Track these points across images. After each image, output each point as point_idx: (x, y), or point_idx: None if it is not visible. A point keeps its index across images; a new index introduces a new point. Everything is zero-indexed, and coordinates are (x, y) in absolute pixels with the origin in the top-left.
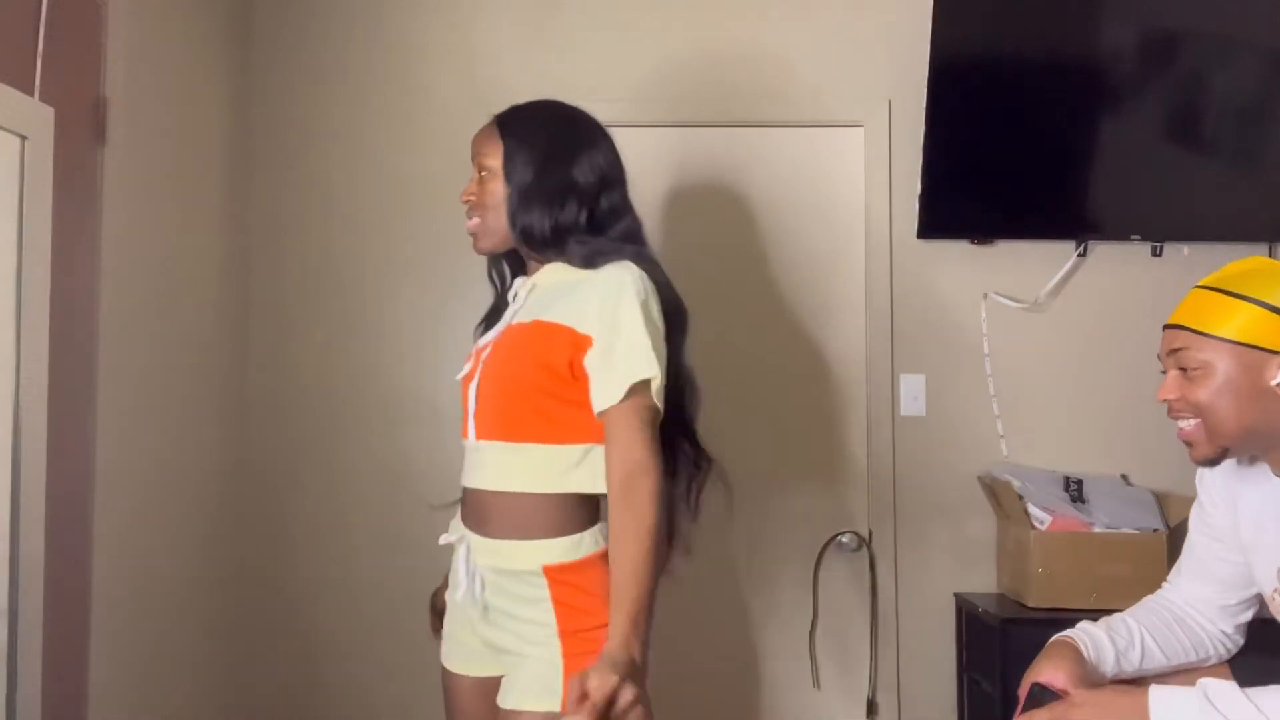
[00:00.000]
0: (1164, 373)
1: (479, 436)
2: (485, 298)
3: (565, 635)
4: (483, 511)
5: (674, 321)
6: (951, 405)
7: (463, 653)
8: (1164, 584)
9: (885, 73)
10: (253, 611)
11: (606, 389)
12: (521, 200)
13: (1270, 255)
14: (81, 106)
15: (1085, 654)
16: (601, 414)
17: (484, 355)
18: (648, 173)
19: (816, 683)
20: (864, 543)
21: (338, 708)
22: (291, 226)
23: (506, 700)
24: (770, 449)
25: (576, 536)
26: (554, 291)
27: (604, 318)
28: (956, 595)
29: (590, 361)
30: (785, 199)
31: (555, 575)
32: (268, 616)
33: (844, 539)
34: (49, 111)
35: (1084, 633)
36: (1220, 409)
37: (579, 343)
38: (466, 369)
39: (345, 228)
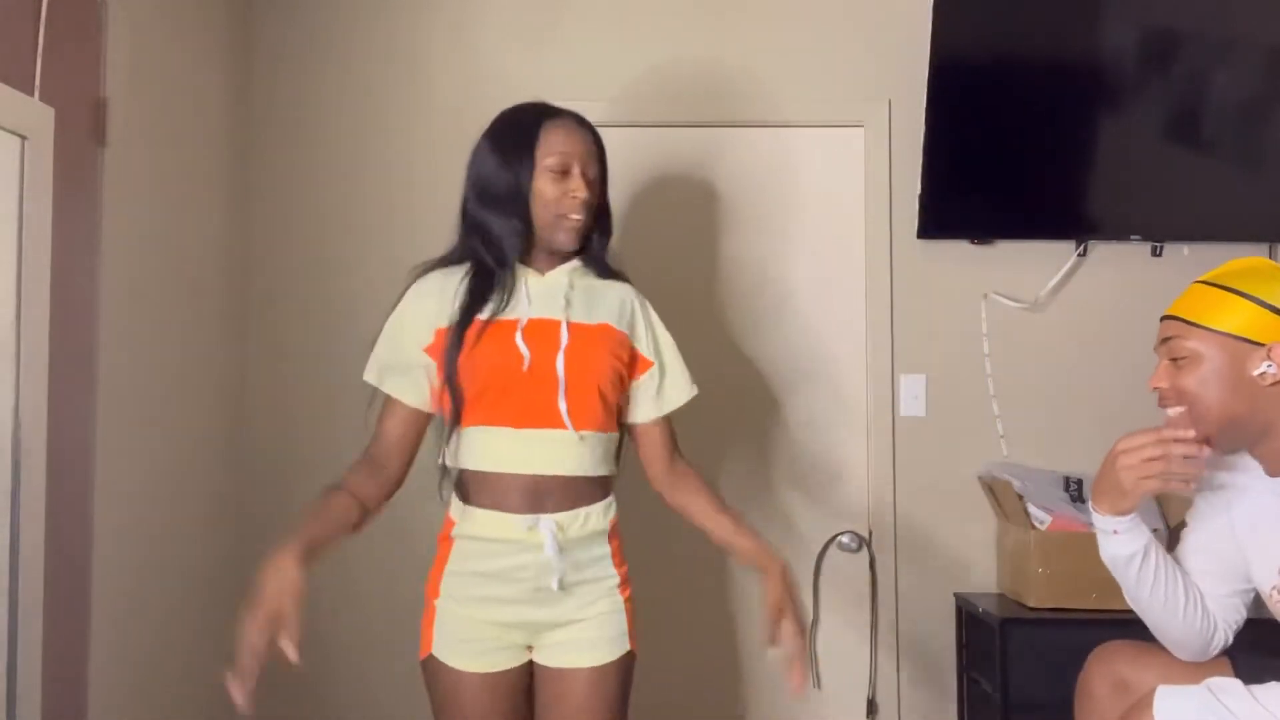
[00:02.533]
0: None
1: (578, 428)
2: None
3: (621, 585)
4: (542, 494)
5: None
6: (951, 405)
7: (480, 650)
8: None
9: (885, 73)
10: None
11: (661, 405)
12: (604, 214)
13: (1270, 255)
14: (81, 106)
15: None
16: (654, 421)
17: (561, 346)
18: (647, 172)
19: (816, 683)
20: (864, 543)
21: (337, 705)
22: (292, 226)
23: (586, 659)
24: (770, 449)
25: (612, 496)
26: (590, 295)
27: (652, 341)
28: (956, 595)
29: (647, 381)
30: (785, 199)
31: (612, 531)
32: None
33: (844, 539)
34: (49, 111)
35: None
36: (1205, 396)
37: (636, 361)
38: (527, 358)
39: (345, 227)
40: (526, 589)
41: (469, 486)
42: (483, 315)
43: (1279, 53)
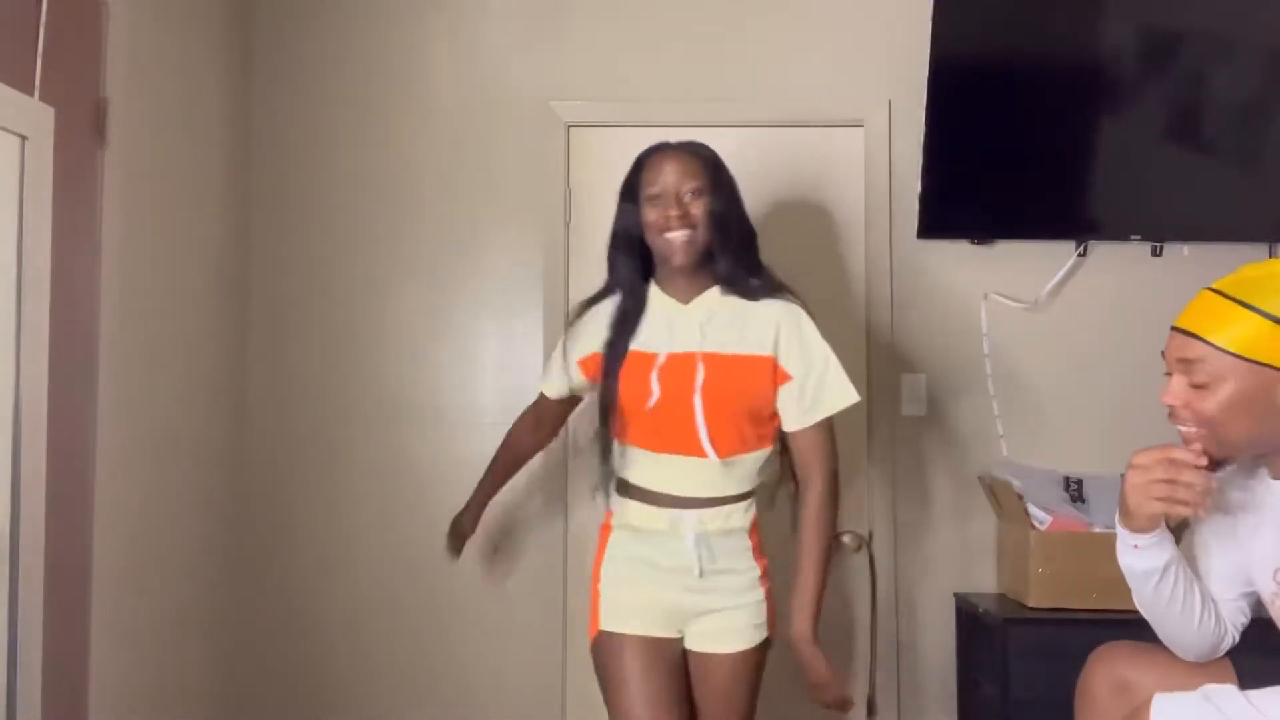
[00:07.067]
0: (1168, 374)
1: (723, 455)
2: (483, 297)
3: (762, 578)
4: (685, 499)
5: None
6: (951, 405)
7: (638, 617)
8: None
9: (885, 73)
10: (253, 607)
11: (811, 413)
12: (723, 226)
13: (1270, 255)
14: (81, 106)
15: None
16: (801, 430)
17: (692, 383)
18: None
19: None
20: (864, 543)
21: (337, 700)
22: (291, 225)
23: (729, 644)
24: None
25: (752, 499)
26: (731, 320)
27: (798, 354)
28: (956, 595)
29: (789, 392)
30: (785, 199)
31: (752, 527)
32: (268, 611)
33: (844, 539)
34: (49, 111)
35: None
36: (1227, 424)
37: (779, 375)
38: (655, 397)
39: (346, 227)
40: (672, 576)
41: (626, 484)
42: (626, 348)
43: (1279, 53)
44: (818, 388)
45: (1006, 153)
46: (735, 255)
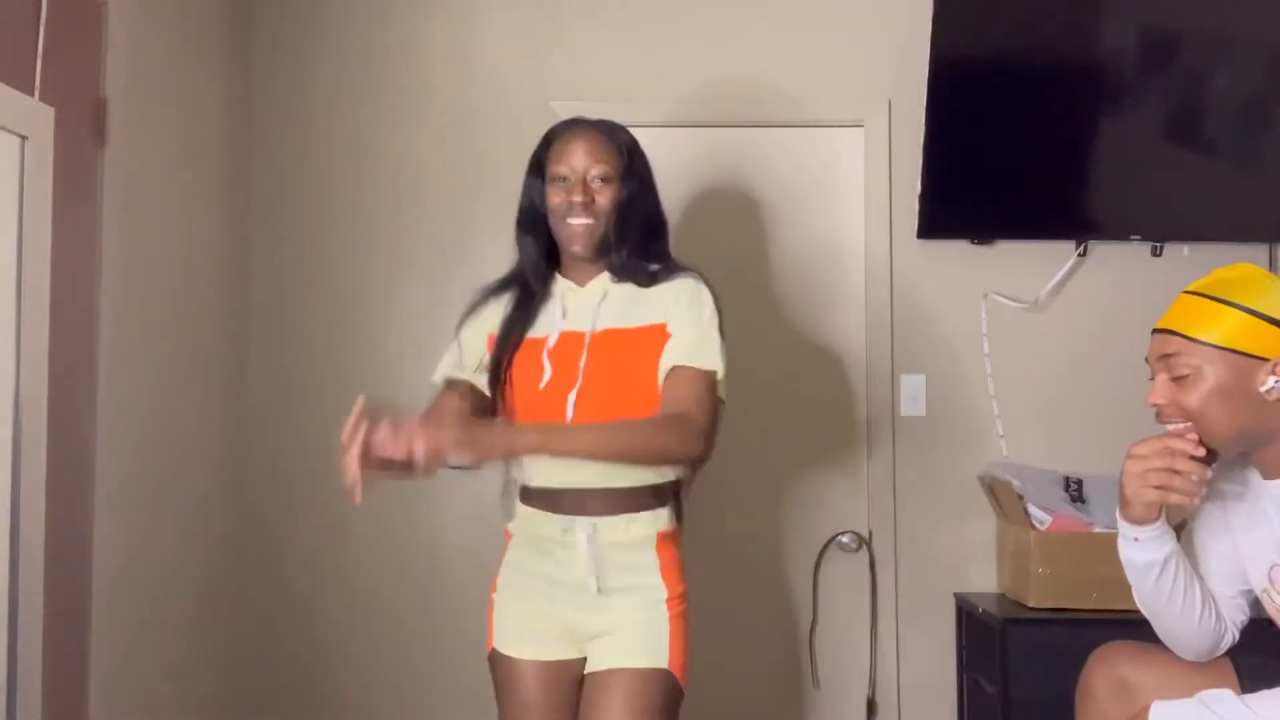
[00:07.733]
0: (1152, 377)
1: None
2: None
3: (670, 601)
4: (584, 501)
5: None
6: (951, 405)
7: (535, 639)
8: None
9: (885, 73)
10: (253, 607)
11: (678, 354)
12: (626, 217)
13: (1270, 255)
14: (81, 106)
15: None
16: (672, 370)
17: (577, 362)
18: None
19: (816, 683)
20: (864, 543)
21: (337, 700)
22: (291, 225)
23: (614, 660)
24: (770, 449)
25: (670, 506)
26: (627, 298)
27: (683, 315)
28: (956, 595)
29: (668, 349)
30: (785, 199)
31: (662, 540)
32: (268, 611)
33: (844, 539)
34: (49, 111)
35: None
36: (1210, 414)
37: (664, 339)
38: (547, 377)
39: (345, 226)
40: (568, 590)
41: (526, 488)
42: (521, 334)
43: (1279, 53)
44: (696, 343)
45: (1006, 153)
46: (633, 247)
